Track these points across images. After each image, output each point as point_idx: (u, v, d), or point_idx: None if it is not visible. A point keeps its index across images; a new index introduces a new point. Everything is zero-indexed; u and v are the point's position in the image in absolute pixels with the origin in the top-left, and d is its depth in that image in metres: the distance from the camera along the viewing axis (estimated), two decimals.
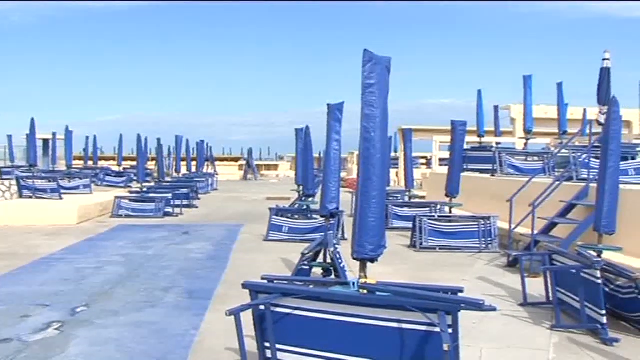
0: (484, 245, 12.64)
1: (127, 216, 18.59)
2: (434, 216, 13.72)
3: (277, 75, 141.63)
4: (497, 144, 21.41)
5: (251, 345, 4.93)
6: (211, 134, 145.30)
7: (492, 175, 16.32)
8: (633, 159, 13.09)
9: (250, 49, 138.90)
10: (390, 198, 17.82)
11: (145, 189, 22.26)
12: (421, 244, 12.78)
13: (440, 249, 12.70)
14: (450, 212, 13.83)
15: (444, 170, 16.18)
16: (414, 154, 20.84)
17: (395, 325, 4.42)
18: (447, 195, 13.56)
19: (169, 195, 20.09)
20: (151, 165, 34.87)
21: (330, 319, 4.62)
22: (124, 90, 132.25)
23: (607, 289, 7.04)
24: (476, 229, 12.85)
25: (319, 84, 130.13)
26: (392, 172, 26.52)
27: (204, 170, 38.65)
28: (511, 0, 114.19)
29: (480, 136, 21.27)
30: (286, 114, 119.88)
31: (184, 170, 37.80)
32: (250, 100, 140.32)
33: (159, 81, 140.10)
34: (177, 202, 20.11)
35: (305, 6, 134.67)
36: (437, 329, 4.17)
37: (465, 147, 16.26)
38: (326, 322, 4.63)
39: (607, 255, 8.33)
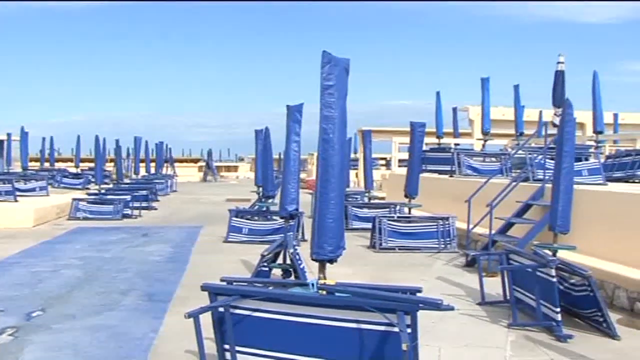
0: (442, 246, 12.79)
1: (85, 218, 18.27)
2: (393, 217, 13.82)
3: (237, 75, 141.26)
4: (456, 145, 21.64)
5: (211, 347, 4.90)
6: (171, 135, 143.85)
7: (451, 176, 16.48)
8: (586, 159, 13.35)
9: (210, 49, 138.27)
10: (350, 199, 17.87)
11: (103, 191, 21.91)
12: (381, 244, 12.86)
13: (399, 249, 12.79)
14: (409, 212, 13.94)
15: (403, 171, 16.28)
16: (373, 155, 20.94)
17: (354, 325, 4.44)
18: (406, 196, 13.67)
19: (128, 197, 19.80)
20: (109, 166, 34.32)
21: (290, 320, 4.62)
22: (83, 90, 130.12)
23: (561, 287, 7.21)
24: (435, 229, 13.00)
25: (281, 84, 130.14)
26: (352, 173, 26.56)
27: (163, 172, 38.24)
28: (470, 0, 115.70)
29: (439, 137, 21.49)
30: (247, 114, 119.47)
31: (142, 171, 37.30)
32: (211, 101, 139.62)
33: (119, 82, 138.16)
34: (136, 204, 19.84)
35: (266, 6, 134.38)
36: (396, 329, 4.19)
37: (424, 148, 16.40)
38: (286, 323, 4.63)
39: (561, 254, 8.51)
